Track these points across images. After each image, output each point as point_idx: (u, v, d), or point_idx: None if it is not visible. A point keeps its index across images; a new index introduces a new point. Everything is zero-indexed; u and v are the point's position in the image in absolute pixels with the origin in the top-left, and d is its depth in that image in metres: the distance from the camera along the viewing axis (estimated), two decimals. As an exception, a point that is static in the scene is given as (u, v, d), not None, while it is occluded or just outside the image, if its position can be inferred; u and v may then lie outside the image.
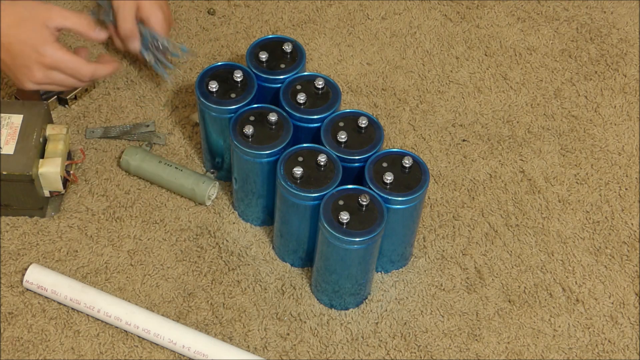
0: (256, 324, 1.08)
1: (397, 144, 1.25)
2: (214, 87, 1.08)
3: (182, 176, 1.16)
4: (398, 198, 1.01)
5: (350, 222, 0.98)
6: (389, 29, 1.39)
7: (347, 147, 1.05)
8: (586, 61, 1.36)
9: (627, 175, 1.23)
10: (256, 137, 1.05)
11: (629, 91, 1.33)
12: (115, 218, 1.16)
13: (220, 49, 1.34)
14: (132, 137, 1.22)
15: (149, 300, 1.09)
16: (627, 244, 1.17)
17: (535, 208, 1.20)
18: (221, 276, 1.11)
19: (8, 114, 1.12)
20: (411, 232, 1.09)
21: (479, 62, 1.35)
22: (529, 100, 1.31)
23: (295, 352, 1.06)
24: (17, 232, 1.14)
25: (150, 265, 1.12)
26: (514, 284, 1.13)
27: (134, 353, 1.05)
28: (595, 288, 1.13)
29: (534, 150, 1.25)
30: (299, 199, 1.02)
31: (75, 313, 1.07)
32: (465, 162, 1.24)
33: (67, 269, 1.11)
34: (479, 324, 1.09)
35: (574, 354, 1.07)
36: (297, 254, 1.11)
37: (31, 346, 1.05)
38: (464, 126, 1.28)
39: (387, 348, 1.07)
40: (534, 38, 1.39)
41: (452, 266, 1.14)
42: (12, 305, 1.08)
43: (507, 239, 1.16)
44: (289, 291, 1.11)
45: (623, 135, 1.28)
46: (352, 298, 1.09)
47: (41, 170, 1.10)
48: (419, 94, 1.31)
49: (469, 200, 1.20)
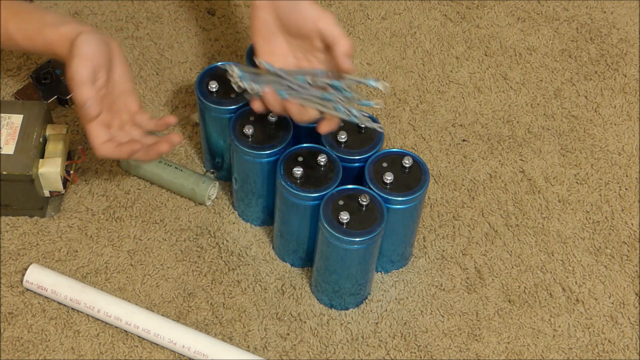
0: (256, 324, 1.08)
1: (397, 144, 1.25)
2: (214, 87, 1.08)
3: (182, 176, 1.16)
4: (398, 198, 1.01)
5: (350, 222, 0.98)
6: (389, 29, 1.39)
7: (347, 147, 1.05)
8: (586, 61, 1.36)
9: (627, 175, 1.23)
10: (256, 137, 1.05)
11: (629, 91, 1.33)
12: (115, 218, 1.16)
13: (220, 49, 1.34)
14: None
15: (149, 300, 1.09)
16: (627, 244, 1.17)
17: (535, 208, 1.20)
18: (221, 276, 1.11)
19: (8, 114, 1.12)
20: (411, 232, 1.09)
21: (479, 62, 1.35)
22: (529, 100, 1.31)
23: (295, 352, 1.06)
24: (17, 232, 1.14)
25: (150, 265, 1.12)
26: (514, 284, 1.13)
27: (134, 353, 1.05)
28: (595, 288, 1.13)
29: (534, 150, 1.25)
30: (299, 199, 1.02)
31: (75, 313, 1.07)
32: (465, 162, 1.24)
33: (67, 269, 1.11)
34: (479, 324, 1.09)
35: (574, 354, 1.07)
36: (297, 254, 1.11)
37: (31, 346, 1.05)
38: (464, 126, 1.28)
39: (387, 348, 1.07)
40: (534, 38, 1.39)
41: (452, 266, 1.14)
42: (12, 305, 1.08)
43: (507, 239, 1.16)
44: (289, 291, 1.11)
45: (623, 135, 1.28)
46: (352, 298, 1.09)
47: (41, 170, 1.10)
48: (419, 94, 1.31)
49: (469, 200, 1.20)
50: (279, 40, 1.01)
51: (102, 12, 1.37)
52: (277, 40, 1.01)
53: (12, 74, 1.28)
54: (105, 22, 1.35)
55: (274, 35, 1.00)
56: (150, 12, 1.37)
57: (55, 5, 1.37)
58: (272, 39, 1.01)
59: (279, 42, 1.01)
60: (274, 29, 1.00)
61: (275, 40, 1.01)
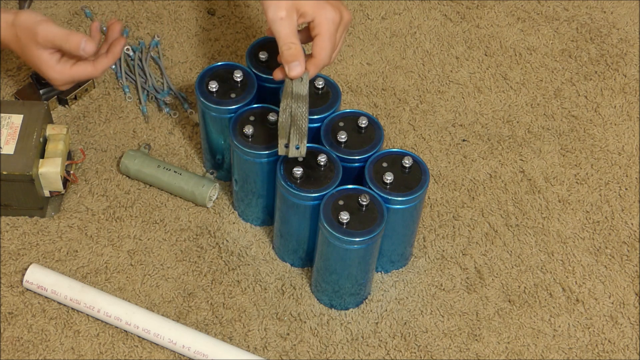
0: (256, 324, 1.08)
1: (397, 144, 1.25)
2: (214, 87, 1.08)
3: (182, 180, 1.16)
4: (398, 198, 1.01)
5: (350, 222, 0.98)
6: (389, 29, 1.39)
7: (347, 147, 1.05)
8: (586, 61, 1.36)
9: (627, 175, 1.23)
10: (256, 137, 1.05)
11: (629, 91, 1.33)
12: (115, 218, 1.16)
13: (220, 49, 1.34)
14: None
15: (149, 300, 1.09)
16: (627, 244, 1.17)
17: (535, 208, 1.20)
18: (221, 276, 1.11)
19: (8, 114, 1.12)
20: (411, 232, 1.09)
21: (479, 62, 1.35)
22: (529, 100, 1.31)
23: (295, 352, 1.06)
24: (17, 232, 1.14)
25: (150, 265, 1.12)
26: (514, 284, 1.13)
27: (134, 353, 1.05)
28: (595, 288, 1.13)
29: (534, 150, 1.25)
30: (299, 199, 1.02)
31: (75, 313, 1.07)
32: (465, 162, 1.24)
33: (67, 269, 1.11)
34: (479, 324, 1.09)
35: (574, 354, 1.07)
36: (297, 254, 1.11)
37: (31, 346, 1.05)
38: (464, 126, 1.28)
39: (387, 348, 1.07)
40: (534, 38, 1.39)
41: (452, 266, 1.14)
42: (12, 305, 1.08)
43: (507, 239, 1.16)
44: (289, 291, 1.11)
45: (623, 135, 1.28)
46: (352, 298, 1.09)
47: (41, 170, 1.10)
48: (419, 94, 1.31)
49: (469, 200, 1.20)
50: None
51: (102, 12, 1.37)
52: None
53: (12, 74, 1.28)
54: (105, 22, 1.35)
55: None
56: (150, 12, 1.37)
57: (55, 6, 1.37)
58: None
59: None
60: None
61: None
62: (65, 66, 1.08)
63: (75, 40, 1.05)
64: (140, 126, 1.24)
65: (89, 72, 1.09)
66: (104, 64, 1.09)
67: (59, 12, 1.36)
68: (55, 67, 1.08)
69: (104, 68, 1.09)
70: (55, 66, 1.08)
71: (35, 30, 1.06)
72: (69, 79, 1.09)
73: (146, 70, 1.28)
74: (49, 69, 1.08)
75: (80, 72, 1.09)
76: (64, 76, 1.09)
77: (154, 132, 1.24)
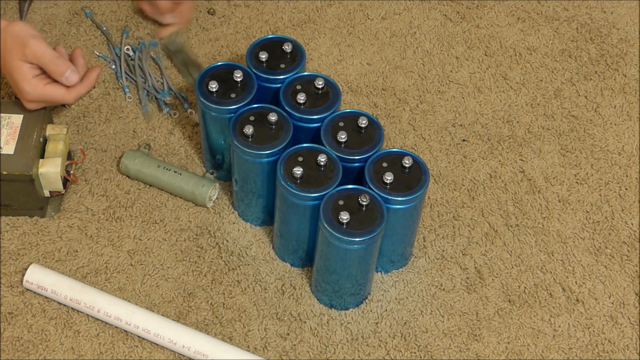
0: (256, 324, 1.08)
1: (397, 144, 1.25)
2: (214, 87, 1.08)
3: (182, 180, 1.16)
4: (398, 198, 1.01)
5: (350, 222, 0.98)
6: (389, 29, 1.39)
7: (347, 147, 1.05)
8: (586, 61, 1.36)
9: (627, 175, 1.23)
10: (256, 137, 1.05)
11: (629, 91, 1.33)
12: (115, 218, 1.16)
13: (220, 49, 1.34)
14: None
15: (149, 300, 1.09)
16: (627, 244, 1.17)
17: (535, 208, 1.20)
18: (221, 276, 1.11)
19: (8, 114, 1.12)
20: (411, 232, 1.09)
21: (479, 62, 1.35)
22: (529, 100, 1.31)
23: (295, 352, 1.06)
24: (17, 232, 1.14)
25: (150, 265, 1.12)
26: (514, 284, 1.13)
27: (134, 353, 1.05)
28: (595, 288, 1.13)
29: (534, 150, 1.25)
30: (299, 199, 1.02)
31: (75, 313, 1.07)
32: (465, 162, 1.24)
33: (67, 269, 1.11)
34: (479, 324, 1.09)
35: (574, 354, 1.07)
36: (297, 254, 1.11)
37: (31, 346, 1.05)
38: (464, 126, 1.28)
39: (387, 348, 1.07)
40: (534, 38, 1.39)
41: (452, 266, 1.14)
42: (12, 305, 1.08)
43: (507, 239, 1.17)
44: (289, 291, 1.11)
45: (623, 135, 1.28)
46: (352, 298, 1.09)
47: (41, 170, 1.10)
48: (419, 94, 1.31)
49: (469, 200, 1.20)
50: None
51: (102, 12, 1.37)
52: None
53: (12, 74, 1.28)
54: (105, 22, 1.35)
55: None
56: (150, 12, 1.37)
57: (55, 6, 1.37)
58: None
59: None
60: None
61: None
62: (40, 82, 1.08)
63: (62, 66, 1.07)
64: (140, 126, 1.24)
65: (61, 95, 1.09)
66: (78, 91, 1.10)
67: (59, 12, 1.36)
68: (31, 80, 1.08)
69: (78, 96, 1.10)
70: (31, 79, 1.08)
71: (26, 42, 1.06)
72: (40, 96, 1.09)
73: (146, 70, 1.28)
74: (23, 80, 1.08)
75: (53, 92, 1.09)
76: (36, 91, 1.08)
77: (154, 132, 1.24)
